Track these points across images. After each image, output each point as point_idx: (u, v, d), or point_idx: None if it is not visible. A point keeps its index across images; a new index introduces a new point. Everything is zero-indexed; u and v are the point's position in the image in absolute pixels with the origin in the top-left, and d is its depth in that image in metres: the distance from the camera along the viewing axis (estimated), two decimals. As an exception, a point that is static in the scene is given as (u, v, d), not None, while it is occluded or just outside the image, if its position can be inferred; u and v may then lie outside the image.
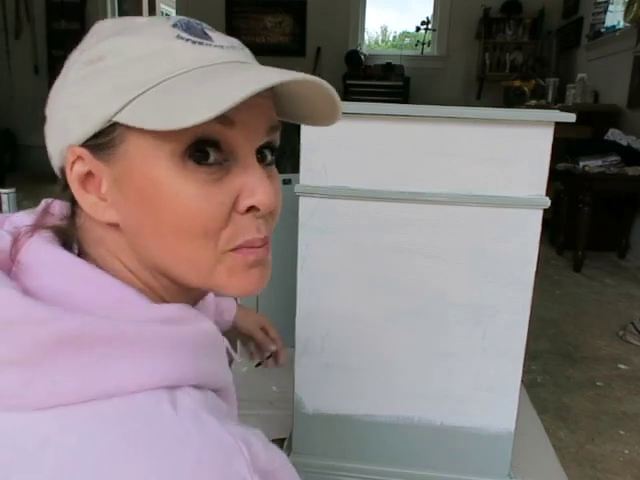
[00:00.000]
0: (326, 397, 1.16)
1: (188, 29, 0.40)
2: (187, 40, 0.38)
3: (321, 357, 1.14)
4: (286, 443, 1.27)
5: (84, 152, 0.37)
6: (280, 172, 0.43)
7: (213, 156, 0.36)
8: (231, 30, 5.46)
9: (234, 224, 0.38)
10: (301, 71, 0.36)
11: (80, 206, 0.39)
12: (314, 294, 1.11)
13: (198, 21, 0.42)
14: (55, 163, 0.41)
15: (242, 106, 0.33)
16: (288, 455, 1.19)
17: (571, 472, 1.31)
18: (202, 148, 0.36)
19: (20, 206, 1.95)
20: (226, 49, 0.39)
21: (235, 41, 0.41)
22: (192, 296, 0.42)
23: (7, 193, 1.84)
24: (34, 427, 0.32)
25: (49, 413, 0.32)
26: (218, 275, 0.38)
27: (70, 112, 0.38)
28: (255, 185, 0.37)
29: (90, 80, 0.37)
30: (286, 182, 1.77)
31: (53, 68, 5.71)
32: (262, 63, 0.41)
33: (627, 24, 3.50)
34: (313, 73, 0.36)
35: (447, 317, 1.10)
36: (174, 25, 0.39)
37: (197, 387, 0.36)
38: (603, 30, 3.97)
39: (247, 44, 0.44)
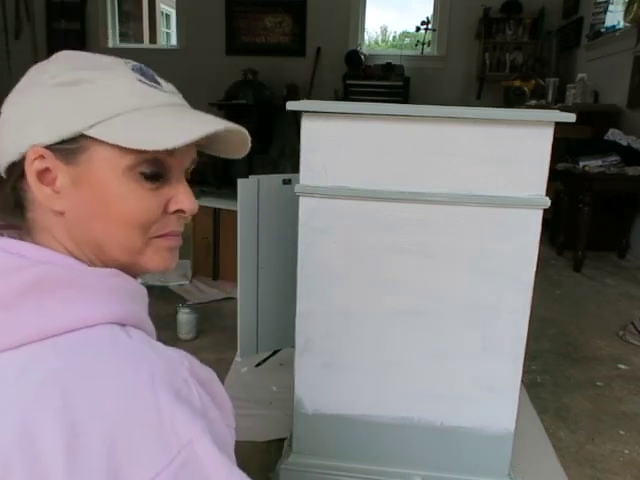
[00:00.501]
0: (326, 397, 1.16)
1: (143, 74, 0.51)
2: (144, 83, 0.50)
3: (321, 357, 1.14)
4: (286, 443, 1.27)
5: (46, 152, 0.46)
6: (280, 172, 0.50)
7: (156, 173, 0.49)
8: (231, 30, 5.47)
9: (163, 220, 0.51)
10: (301, 71, 0.38)
11: (29, 199, 0.48)
12: (314, 294, 1.11)
13: (147, 67, 0.52)
14: (6, 158, 0.48)
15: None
16: (288, 455, 1.19)
17: (571, 472, 1.31)
18: (150, 166, 0.48)
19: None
20: (169, 93, 0.52)
21: (173, 87, 0.53)
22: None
23: (7, 193, 1.84)
24: (12, 361, 0.39)
25: (23, 349, 0.39)
26: (146, 255, 0.50)
27: (36, 120, 0.46)
28: (185, 196, 0.52)
29: (61, 98, 0.47)
30: (286, 182, 1.77)
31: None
32: (263, 63, 0.42)
33: (627, 24, 3.50)
34: (313, 73, 0.36)
35: (447, 317, 1.10)
36: (133, 69, 0.51)
37: (136, 327, 0.46)
38: (603, 30, 3.97)
39: (247, 44, 0.45)
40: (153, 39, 9.02)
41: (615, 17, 3.89)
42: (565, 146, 3.04)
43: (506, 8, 4.99)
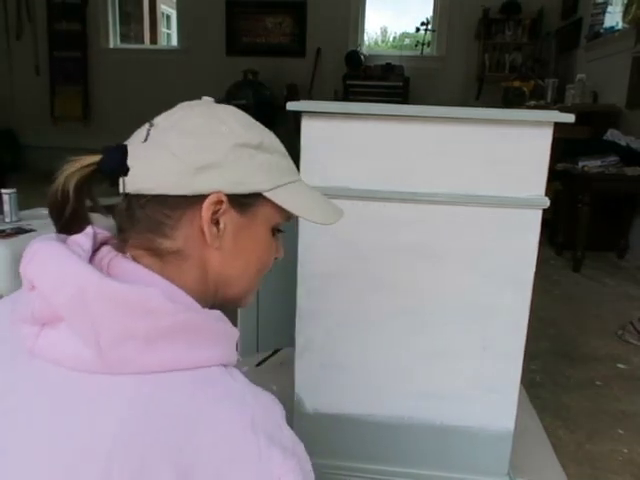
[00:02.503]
0: (326, 397, 1.16)
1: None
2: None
3: (321, 357, 1.14)
4: (286, 442, 1.27)
5: (225, 199, 0.52)
6: None
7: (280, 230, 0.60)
8: (231, 31, 5.47)
9: None
10: (301, 71, 0.39)
11: (174, 228, 0.52)
12: (314, 294, 1.11)
13: None
14: (161, 189, 0.51)
15: None
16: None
17: (570, 471, 1.31)
18: (284, 224, 0.59)
19: (21, 206, 1.95)
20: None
21: None
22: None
23: (8, 193, 1.84)
24: (141, 383, 0.45)
25: (151, 376, 0.45)
26: (249, 295, 0.61)
27: (222, 170, 0.52)
28: (281, 247, 0.62)
29: (248, 160, 0.53)
30: (286, 182, 1.77)
31: (54, 69, 5.72)
32: (263, 63, 0.43)
33: (626, 25, 3.51)
34: (313, 73, 0.37)
35: (447, 317, 1.10)
36: (268, 130, 0.59)
37: (233, 367, 0.51)
38: (602, 31, 3.98)
39: (247, 44, 0.46)
40: (154, 40, 9.02)
41: (614, 18, 3.90)
42: (564, 146, 3.04)
43: (505, 9, 5.00)
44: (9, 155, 5.68)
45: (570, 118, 0.99)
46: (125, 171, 0.50)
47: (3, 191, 1.87)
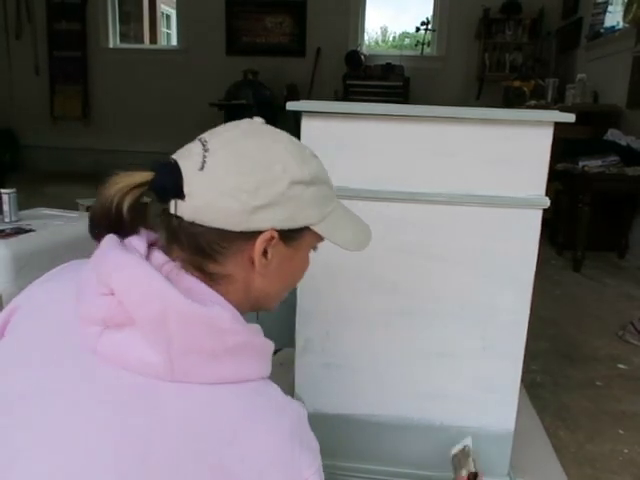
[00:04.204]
0: (326, 397, 1.16)
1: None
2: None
3: (321, 357, 1.14)
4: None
5: (277, 235, 0.56)
6: None
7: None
8: (231, 30, 5.47)
9: None
10: (301, 71, 0.39)
11: (226, 256, 0.55)
12: (314, 294, 1.11)
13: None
14: (218, 223, 0.54)
15: None
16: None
17: (571, 472, 1.31)
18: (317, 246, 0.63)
19: (21, 206, 1.95)
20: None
21: None
22: None
23: (8, 193, 1.84)
24: (198, 394, 0.49)
25: (204, 387, 0.50)
26: (280, 300, 0.65)
27: (276, 208, 0.55)
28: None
29: (299, 198, 0.56)
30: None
31: (53, 68, 5.72)
32: (263, 63, 0.42)
33: (626, 24, 3.50)
34: (313, 73, 0.37)
35: (447, 317, 1.10)
36: (314, 156, 0.61)
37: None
38: (602, 30, 3.98)
39: (247, 44, 0.45)
40: (153, 39, 9.02)
41: (614, 17, 3.90)
42: (565, 146, 3.03)
43: (506, 8, 4.99)
44: (8, 155, 5.68)
45: (570, 118, 0.99)
46: (180, 196, 0.53)
47: (2, 191, 1.87)
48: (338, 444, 1.17)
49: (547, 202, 1.03)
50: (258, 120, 0.60)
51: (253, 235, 0.54)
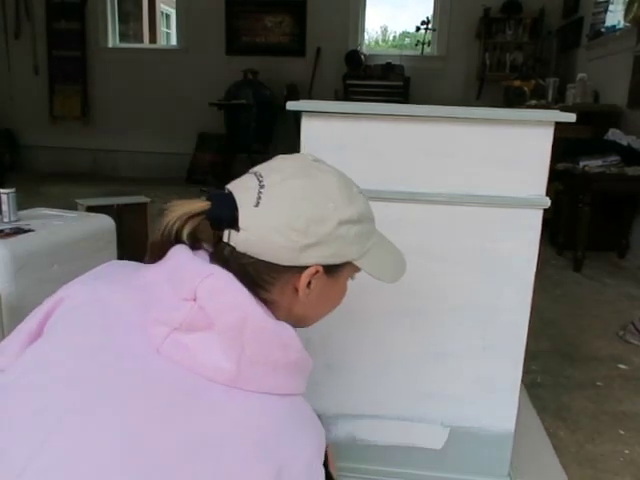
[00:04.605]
0: (326, 397, 1.16)
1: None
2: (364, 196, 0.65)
3: (321, 357, 1.14)
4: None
5: (321, 269, 0.60)
6: None
7: None
8: (231, 30, 5.47)
9: None
10: (301, 71, 0.39)
11: (273, 285, 0.60)
12: (314, 294, 1.11)
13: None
14: (267, 257, 0.58)
15: None
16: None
17: (571, 472, 1.30)
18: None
19: (20, 206, 1.94)
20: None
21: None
22: None
23: (7, 193, 1.84)
24: (254, 401, 0.53)
25: (258, 395, 0.54)
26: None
27: (323, 247, 0.59)
28: None
29: (344, 237, 0.60)
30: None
31: (53, 68, 5.72)
32: (263, 63, 0.42)
33: (627, 24, 3.50)
34: (313, 73, 0.37)
35: (447, 317, 1.10)
36: (361, 192, 0.65)
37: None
38: (603, 30, 3.97)
39: (247, 44, 0.45)
40: (153, 39, 9.02)
41: (615, 17, 3.89)
42: (565, 146, 3.03)
43: (506, 8, 4.99)
44: (8, 155, 5.68)
45: (571, 118, 0.99)
46: (235, 227, 0.57)
47: (1, 191, 1.87)
48: (338, 444, 1.17)
49: (547, 202, 1.03)
50: (310, 157, 0.64)
51: (300, 269, 0.59)
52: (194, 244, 0.60)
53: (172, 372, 0.52)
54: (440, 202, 1.04)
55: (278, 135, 5.28)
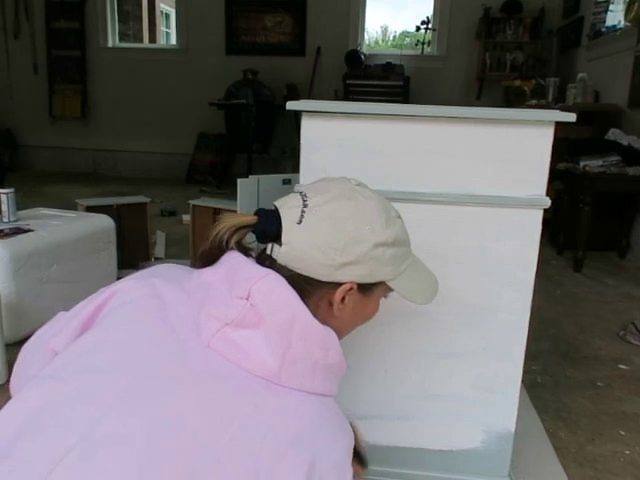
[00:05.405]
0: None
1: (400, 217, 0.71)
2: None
3: (321, 357, 1.13)
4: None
5: (355, 286, 0.64)
6: (280, 172, 0.52)
7: None
8: (231, 30, 5.46)
9: None
10: (301, 71, 0.39)
11: (325, 304, 0.65)
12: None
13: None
14: (307, 272, 0.63)
15: None
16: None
17: (571, 472, 1.30)
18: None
19: (20, 206, 1.94)
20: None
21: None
22: None
23: (7, 193, 1.84)
24: (293, 398, 0.57)
25: (297, 393, 0.58)
26: None
27: (357, 266, 0.63)
28: None
29: (381, 258, 0.64)
30: (286, 182, 1.76)
31: (52, 68, 5.72)
32: (263, 63, 0.41)
33: (628, 24, 3.50)
34: (313, 72, 0.36)
35: (447, 317, 1.09)
36: (398, 216, 0.71)
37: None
38: (604, 30, 3.97)
39: (247, 43, 0.45)
40: (153, 39, 9.02)
41: (616, 16, 3.89)
42: (565, 146, 3.03)
43: (506, 8, 4.99)
44: (7, 154, 5.68)
45: (571, 117, 0.99)
46: (278, 242, 0.62)
47: (1, 191, 1.87)
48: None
49: (548, 202, 1.03)
50: (354, 181, 0.69)
51: (335, 285, 0.63)
52: (245, 252, 0.64)
53: (220, 366, 0.55)
54: (440, 202, 1.04)
55: (278, 135, 5.28)
